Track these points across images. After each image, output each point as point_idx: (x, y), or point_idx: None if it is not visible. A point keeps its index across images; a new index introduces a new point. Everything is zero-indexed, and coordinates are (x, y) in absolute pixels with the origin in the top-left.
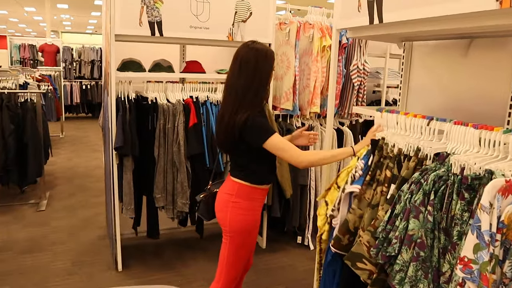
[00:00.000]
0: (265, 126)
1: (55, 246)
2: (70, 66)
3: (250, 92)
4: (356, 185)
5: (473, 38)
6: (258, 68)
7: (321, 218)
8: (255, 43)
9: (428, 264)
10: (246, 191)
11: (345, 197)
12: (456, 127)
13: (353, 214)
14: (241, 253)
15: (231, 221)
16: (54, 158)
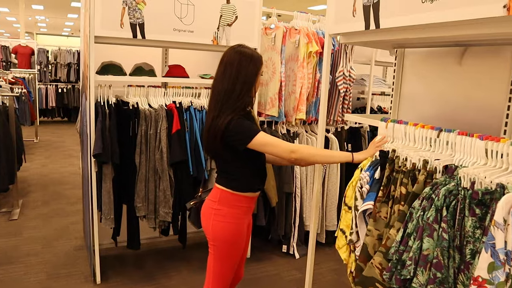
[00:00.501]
0: (249, 126)
1: (29, 257)
2: (45, 69)
3: (233, 95)
4: (368, 202)
5: (467, 46)
6: (241, 71)
7: (343, 251)
8: (241, 46)
9: (446, 286)
10: (228, 198)
11: (359, 216)
12: (461, 138)
13: (370, 236)
14: (227, 264)
15: (213, 229)
16: (27, 164)
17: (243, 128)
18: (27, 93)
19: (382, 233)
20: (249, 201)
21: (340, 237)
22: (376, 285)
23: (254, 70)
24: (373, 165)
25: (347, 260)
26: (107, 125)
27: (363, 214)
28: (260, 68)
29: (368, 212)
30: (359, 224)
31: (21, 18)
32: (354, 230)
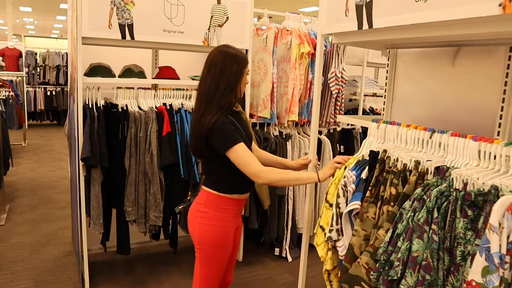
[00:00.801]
0: (231, 133)
1: (15, 264)
2: (33, 71)
3: (216, 94)
4: (355, 202)
5: (460, 46)
6: (224, 71)
7: (321, 248)
8: (226, 46)
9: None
10: (214, 201)
11: (345, 216)
12: (454, 139)
13: (357, 237)
14: (213, 268)
15: (199, 233)
16: (15, 168)
17: (226, 133)
18: (14, 96)
19: (369, 234)
20: (237, 204)
21: (319, 234)
22: (361, 284)
23: (238, 70)
24: (360, 164)
25: (324, 258)
26: (96, 128)
27: (349, 214)
28: (245, 67)
29: (355, 212)
30: (344, 224)
31: (9, 20)
32: (334, 227)
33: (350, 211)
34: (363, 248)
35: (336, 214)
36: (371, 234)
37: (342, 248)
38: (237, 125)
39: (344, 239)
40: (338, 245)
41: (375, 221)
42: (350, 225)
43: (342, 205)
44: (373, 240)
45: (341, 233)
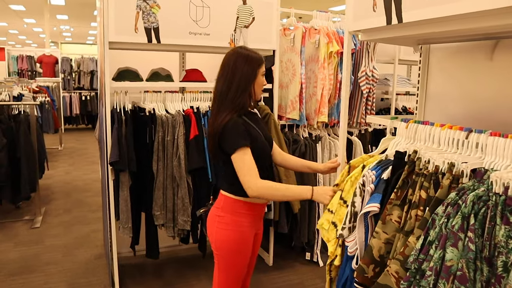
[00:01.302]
0: (239, 135)
1: (49, 266)
2: (69, 77)
3: (228, 96)
4: (373, 204)
5: (499, 38)
6: (236, 71)
7: (331, 244)
8: (241, 47)
9: None
10: (230, 205)
11: (360, 217)
12: (493, 139)
13: (377, 239)
14: (232, 274)
15: (216, 237)
16: (51, 171)
17: (235, 134)
18: (50, 102)
19: (390, 237)
20: (254, 208)
21: (331, 231)
22: None
23: (250, 70)
24: (382, 164)
25: (333, 253)
26: (123, 132)
27: (365, 215)
28: (258, 68)
29: (371, 214)
30: (358, 223)
31: (46, 28)
32: (347, 225)
33: (366, 212)
34: (382, 251)
35: (351, 213)
36: (394, 238)
37: (352, 244)
38: (252, 126)
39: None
40: (347, 240)
41: (399, 225)
42: (363, 224)
43: (357, 204)
44: (403, 247)
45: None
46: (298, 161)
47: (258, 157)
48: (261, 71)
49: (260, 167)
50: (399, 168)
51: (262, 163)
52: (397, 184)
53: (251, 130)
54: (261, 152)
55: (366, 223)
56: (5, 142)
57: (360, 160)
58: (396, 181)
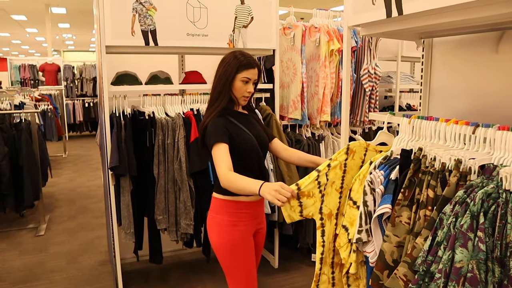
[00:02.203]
0: (216, 132)
1: (53, 274)
2: (71, 85)
3: (214, 94)
4: (385, 206)
5: (505, 29)
6: (216, 74)
7: (343, 249)
8: (234, 51)
9: None
10: (221, 205)
11: (374, 221)
12: (502, 133)
13: (388, 243)
14: (237, 275)
15: (212, 240)
16: (55, 179)
17: (212, 131)
18: (53, 109)
19: (402, 240)
20: (247, 207)
21: (342, 235)
22: None
23: (226, 74)
24: (389, 164)
25: (346, 260)
26: (123, 137)
27: (379, 219)
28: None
29: (385, 216)
30: (374, 230)
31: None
32: (364, 227)
33: (380, 215)
34: (395, 256)
35: (365, 213)
36: (405, 241)
37: (372, 254)
38: (234, 125)
39: (373, 244)
40: (367, 250)
41: (409, 226)
42: (380, 230)
43: (370, 203)
44: (411, 249)
45: (371, 234)
46: (302, 156)
47: (242, 156)
48: (240, 76)
49: (246, 166)
50: (406, 166)
51: (248, 162)
52: (404, 184)
53: (233, 129)
54: (246, 152)
55: (382, 228)
56: (6, 151)
57: (358, 145)
58: (404, 180)
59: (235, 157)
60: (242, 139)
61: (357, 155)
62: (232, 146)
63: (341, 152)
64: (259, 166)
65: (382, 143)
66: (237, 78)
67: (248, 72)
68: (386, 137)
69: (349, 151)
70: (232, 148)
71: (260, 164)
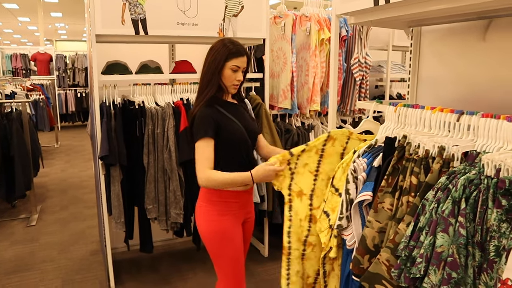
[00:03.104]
0: (203, 125)
1: (44, 264)
2: (64, 74)
3: (203, 82)
4: (366, 192)
5: (492, 18)
6: (205, 62)
7: (324, 234)
8: (223, 39)
9: (463, 287)
10: (205, 194)
11: (354, 207)
12: (486, 121)
13: (370, 228)
14: (225, 264)
15: (200, 229)
16: (47, 169)
17: (199, 124)
18: (45, 99)
19: (384, 226)
20: (234, 196)
21: (323, 220)
22: (383, 283)
23: (215, 62)
24: (373, 151)
25: (326, 244)
26: (113, 126)
27: (359, 205)
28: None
29: (366, 203)
30: (353, 215)
31: (41, 26)
32: (344, 214)
33: (360, 201)
34: (376, 241)
35: (346, 201)
36: (387, 226)
37: (350, 237)
38: (225, 116)
39: (352, 227)
40: (345, 233)
41: (392, 212)
42: (359, 215)
43: (352, 191)
44: (394, 235)
45: (350, 219)
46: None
47: (230, 147)
48: (230, 64)
49: (235, 157)
50: (390, 154)
51: (236, 154)
52: (387, 171)
53: (222, 119)
54: (235, 142)
55: (361, 213)
56: None
57: (340, 133)
58: (387, 167)
59: (223, 147)
60: (230, 129)
61: (338, 143)
62: (220, 137)
63: (320, 138)
64: (247, 156)
65: (368, 131)
66: (226, 66)
67: (237, 60)
68: (370, 125)
69: (329, 138)
70: (220, 138)
71: (248, 154)
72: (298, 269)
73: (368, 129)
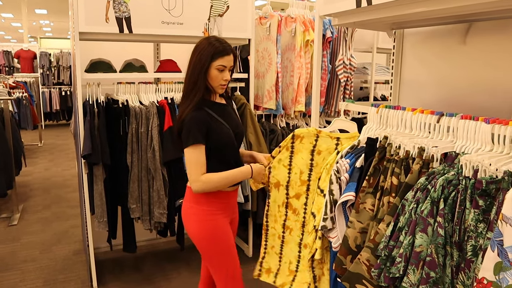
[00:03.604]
0: (193, 130)
1: (25, 264)
2: (48, 72)
3: (189, 83)
4: (348, 193)
5: (472, 21)
6: (190, 62)
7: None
8: (209, 37)
9: (441, 286)
10: (194, 195)
11: (338, 208)
12: (464, 122)
13: (352, 229)
14: (217, 263)
15: (190, 230)
16: (30, 168)
17: (189, 129)
18: (28, 97)
19: (365, 226)
20: (222, 196)
21: (310, 221)
22: (363, 282)
23: (201, 62)
24: (355, 152)
25: (311, 246)
26: (96, 125)
27: (343, 206)
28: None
29: (349, 203)
30: (337, 215)
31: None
32: (329, 215)
33: (344, 202)
34: (358, 241)
35: (330, 202)
36: (369, 227)
37: (335, 240)
38: (215, 119)
39: (337, 230)
40: (331, 236)
41: (373, 212)
42: (343, 217)
43: (336, 192)
44: (374, 235)
45: (335, 220)
46: (243, 152)
47: (220, 151)
48: (216, 64)
49: (222, 160)
50: (371, 155)
51: (226, 157)
52: (369, 172)
53: (211, 122)
54: (223, 144)
55: (345, 214)
56: None
57: (306, 131)
58: (369, 168)
59: (212, 150)
60: (219, 132)
61: (306, 140)
62: (209, 140)
63: (287, 138)
64: (234, 158)
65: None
66: (212, 66)
67: (223, 60)
68: (342, 124)
69: (295, 137)
70: (209, 141)
71: (235, 156)
72: (273, 245)
73: (340, 127)
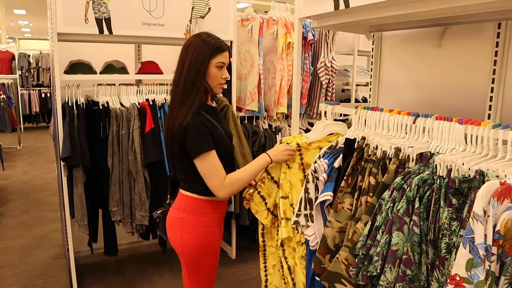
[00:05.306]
0: (203, 137)
1: (3, 269)
2: (27, 74)
3: (180, 89)
4: (326, 193)
5: (447, 25)
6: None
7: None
8: (202, 34)
9: (417, 284)
10: (193, 205)
11: (316, 207)
12: (439, 123)
13: (331, 228)
14: (202, 277)
15: (181, 242)
16: (8, 171)
17: (199, 137)
18: (6, 99)
19: (344, 226)
20: (219, 207)
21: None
22: (341, 281)
23: (199, 60)
24: (333, 153)
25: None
26: (76, 127)
27: (321, 205)
28: (210, 58)
29: (327, 203)
30: (315, 215)
31: (2, 23)
32: (302, 212)
33: (322, 202)
34: (337, 240)
35: (305, 199)
36: (347, 226)
37: (313, 238)
38: (214, 125)
39: (314, 228)
40: (307, 234)
41: (351, 212)
42: (321, 216)
43: (311, 190)
44: (352, 234)
45: (310, 220)
46: None
47: (221, 156)
48: (215, 61)
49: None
50: (349, 155)
51: (225, 161)
52: (347, 172)
53: (214, 129)
54: (224, 151)
55: (323, 214)
56: None
57: (292, 139)
58: (347, 168)
59: None
60: (218, 138)
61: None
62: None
63: None
64: (231, 164)
65: None
66: (211, 64)
67: (221, 56)
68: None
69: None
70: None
71: (232, 161)
72: (274, 263)
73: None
